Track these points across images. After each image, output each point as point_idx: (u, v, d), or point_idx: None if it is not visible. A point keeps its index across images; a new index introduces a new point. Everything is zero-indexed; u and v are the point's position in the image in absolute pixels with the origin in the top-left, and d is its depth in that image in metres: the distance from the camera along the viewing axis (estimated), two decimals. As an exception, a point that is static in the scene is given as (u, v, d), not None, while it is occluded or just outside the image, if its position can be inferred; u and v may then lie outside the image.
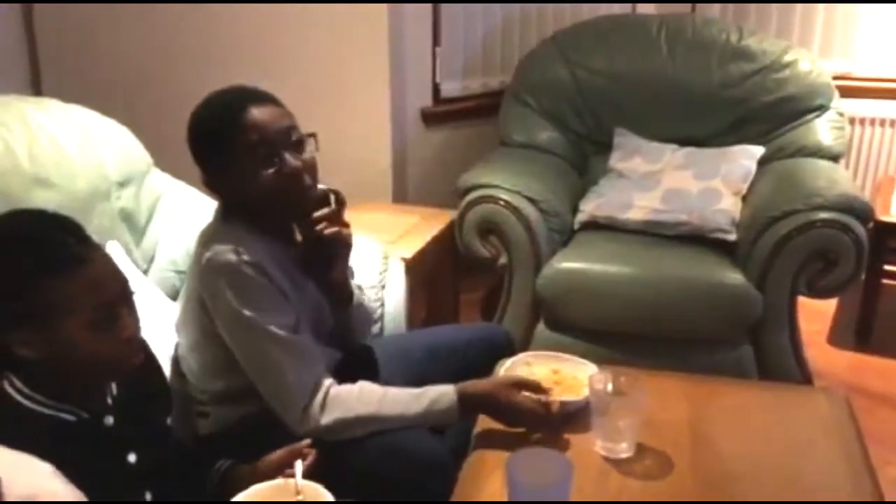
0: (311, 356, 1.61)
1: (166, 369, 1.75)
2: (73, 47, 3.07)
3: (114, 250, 1.88)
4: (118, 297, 1.25)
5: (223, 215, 1.68)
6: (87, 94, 2.22)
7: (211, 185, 1.67)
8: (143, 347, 1.37)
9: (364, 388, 1.61)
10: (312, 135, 1.65)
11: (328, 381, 1.60)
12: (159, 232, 2.10)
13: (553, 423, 1.59)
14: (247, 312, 1.56)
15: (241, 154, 1.58)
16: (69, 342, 1.20)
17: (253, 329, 1.57)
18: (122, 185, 2.01)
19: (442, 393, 1.61)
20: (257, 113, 1.59)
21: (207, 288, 1.59)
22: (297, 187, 1.61)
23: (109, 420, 1.29)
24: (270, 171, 1.58)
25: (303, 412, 1.56)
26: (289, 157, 1.59)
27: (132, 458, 1.31)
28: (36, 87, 3.04)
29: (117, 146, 2.04)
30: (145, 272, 2.03)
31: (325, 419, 1.56)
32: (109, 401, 1.31)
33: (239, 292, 1.56)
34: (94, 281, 1.22)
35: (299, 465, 1.32)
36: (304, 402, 1.56)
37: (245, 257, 1.56)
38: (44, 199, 1.79)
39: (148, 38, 3.11)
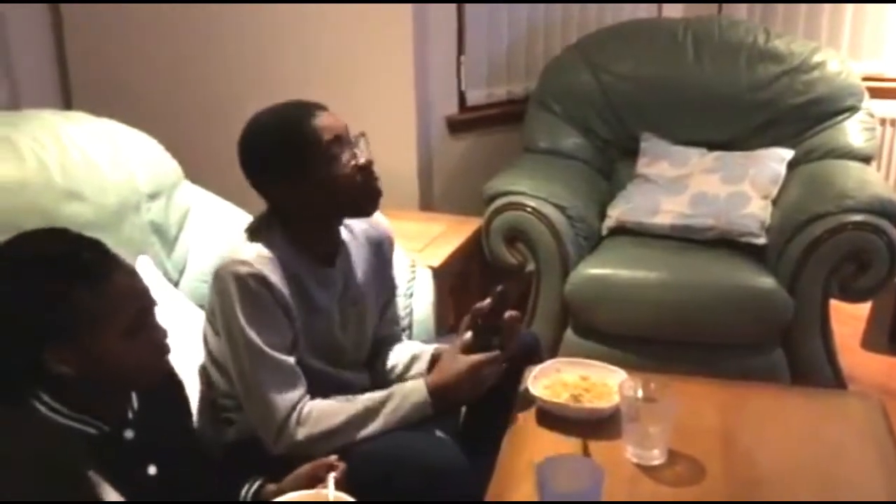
0: (295, 377, 1.65)
1: (196, 380, 1.77)
2: (103, 60, 3.11)
3: (143, 265, 1.90)
4: (149, 302, 1.29)
5: (256, 228, 1.71)
6: (117, 107, 2.25)
7: (273, 196, 1.70)
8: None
9: (339, 400, 1.66)
10: (362, 134, 1.71)
11: (306, 399, 1.64)
12: (189, 243, 2.12)
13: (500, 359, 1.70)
14: (243, 324, 1.59)
15: (317, 156, 1.63)
16: (106, 352, 1.22)
17: (247, 343, 1.60)
18: (153, 197, 2.03)
19: (412, 387, 1.68)
20: (323, 117, 1.66)
21: (215, 294, 1.64)
22: (371, 178, 1.69)
23: (129, 433, 1.31)
24: (350, 165, 1.65)
25: (280, 428, 1.60)
26: (359, 152, 1.68)
27: (152, 470, 1.32)
28: (66, 101, 3.08)
29: (147, 159, 2.07)
30: (176, 284, 2.05)
31: (301, 434, 1.60)
32: (130, 414, 1.32)
33: (241, 303, 1.60)
34: (127, 287, 1.26)
35: (331, 478, 1.33)
36: (280, 420, 1.60)
37: (254, 271, 1.59)
38: (75, 213, 1.82)
39: (176, 50, 3.15)
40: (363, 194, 1.70)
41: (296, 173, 1.65)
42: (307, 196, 1.66)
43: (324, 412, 1.63)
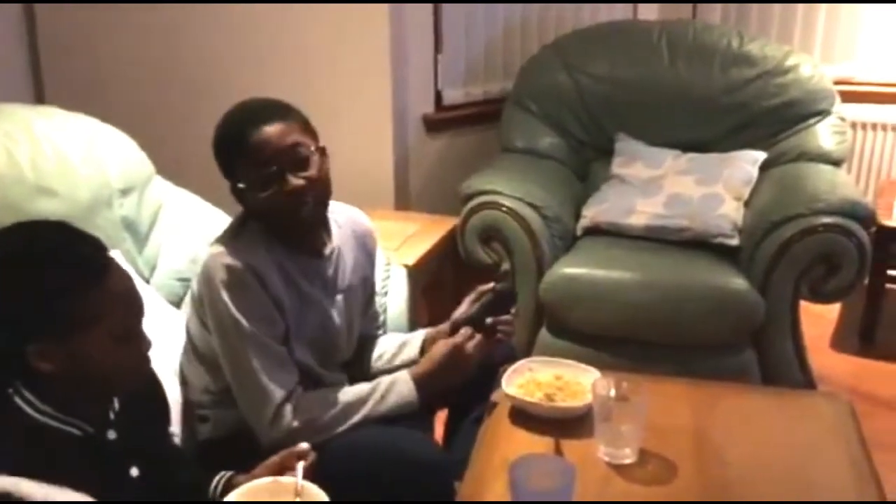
0: (289, 366, 1.66)
1: (169, 377, 1.76)
2: (76, 55, 3.07)
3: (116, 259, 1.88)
4: (141, 309, 1.27)
5: (242, 220, 1.71)
6: (90, 102, 2.23)
7: (233, 193, 1.70)
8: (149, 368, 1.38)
9: (329, 391, 1.68)
10: (321, 149, 1.67)
11: (299, 390, 1.65)
12: (161, 240, 2.10)
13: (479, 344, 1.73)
14: (236, 315, 1.59)
15: (248, 173, 1.62)
16: (91, 354, 1.19)
17: (238, 332, 1.60)
18: (125, 192, 2.01)
19: (396, 378, 1.70)
20: (262, 134, 1.60)
21: (205, 284, 1.63)
22: (297, 205, 1.63)
23: (112, 434, 1.29)
24: (270, 191, 1.61)
25: (274, 415, 1.60)
26: (290, 177, 1.61)
27: (134, 472, 1.31)
28: (38, 95, 3.05)
29: (119, 154, 2.05)
30: (147, 280, 2.04)
31: (297, 421, 1.60)
32: (112, 416, 1.31)
33: (233, 295, 1.59)
34: (122, 291, 1.24)
35: (300, 466, 1.33)
36: (276, 405, 1.60)
37: (244, 261, 1.60)
38: (47, 208, 1.80)
39: (149, 46, 3.12)
40: (289, 219, 1.65)
41: (234, 179, 1.65)
42: (250, 201, 1.65)
43: (321, 400, 1.64)
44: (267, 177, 1.60)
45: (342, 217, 1.82)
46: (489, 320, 1.76)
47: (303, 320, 1.70)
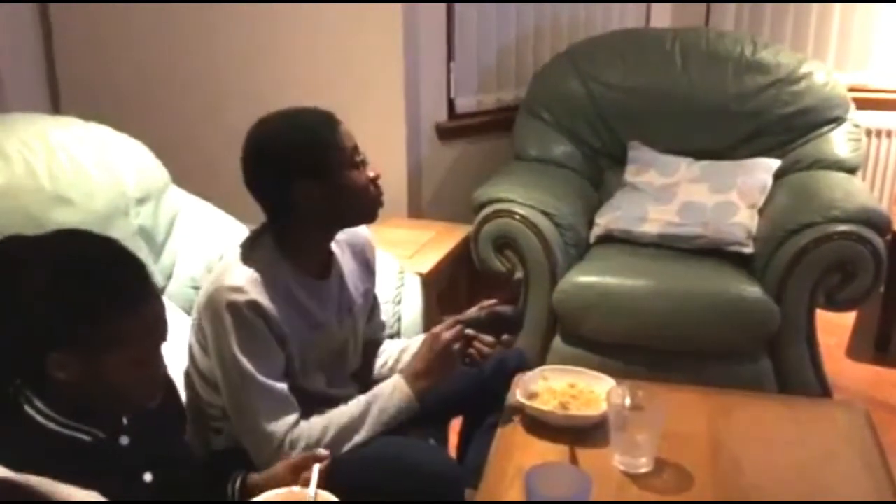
0: (288, 403, 1.64)
1: (182, 386, 1.76)
2: (92, 63, 3.10)
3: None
4: (164, 337, 1.27)
5: (249, 245, 1.69)
6: (106, 110, 2.24)
7: (283, 201, 1.66)
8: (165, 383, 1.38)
9: (324, 414, 1.65)
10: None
11: (299, 423, 1.64)
12: (177, 248, 2.11)
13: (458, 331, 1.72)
14: (238, 354, 1.58)
15: (342, 160, 1.66)
16: (107, 373, 1.20)
17: (239, 372, 1.59)
18: (141, 202, 2.02)
19: (391, 385, 1.69)
20: (341, 130, 1.70)
21: (209, 319, 1.62)
22: (380, 190, 1.73)
23: (125, 440, 1.29)
24: (366, 174, 1.70)
25: (274, 454, 1.59)
26: (368, 170, 1.72)
27: (148, 477, 1.31)
28: (54, 104, 3.07)
29: (135, 163, 2.06)
30: (163, 289, 2.05)
31: (295, 454, 1.59)
32: (125, 421, 1.31)
33: (236, 333, 1.58)
34: (153, 320, 1.24)
35: (316, 469, 1.33)
36: (275, 447, 1.60)
37: (247, 297, 1.58)
38: (64, 218, 1.81)
39: (164, 54, 3.14)
40: (374, 203, 1.72)
41: (319, 174, 1.64)
42: (324, 199, 1.65)
43: (314, 431, 1.62)
44: (359, 161, 1.69)
45: (339, 235, 1.82)
46: (470, 331, 1.75)
47: (310, 346, 1.69)
